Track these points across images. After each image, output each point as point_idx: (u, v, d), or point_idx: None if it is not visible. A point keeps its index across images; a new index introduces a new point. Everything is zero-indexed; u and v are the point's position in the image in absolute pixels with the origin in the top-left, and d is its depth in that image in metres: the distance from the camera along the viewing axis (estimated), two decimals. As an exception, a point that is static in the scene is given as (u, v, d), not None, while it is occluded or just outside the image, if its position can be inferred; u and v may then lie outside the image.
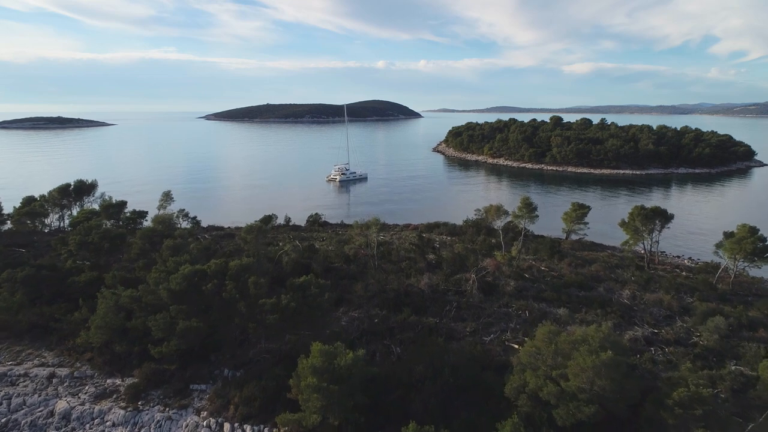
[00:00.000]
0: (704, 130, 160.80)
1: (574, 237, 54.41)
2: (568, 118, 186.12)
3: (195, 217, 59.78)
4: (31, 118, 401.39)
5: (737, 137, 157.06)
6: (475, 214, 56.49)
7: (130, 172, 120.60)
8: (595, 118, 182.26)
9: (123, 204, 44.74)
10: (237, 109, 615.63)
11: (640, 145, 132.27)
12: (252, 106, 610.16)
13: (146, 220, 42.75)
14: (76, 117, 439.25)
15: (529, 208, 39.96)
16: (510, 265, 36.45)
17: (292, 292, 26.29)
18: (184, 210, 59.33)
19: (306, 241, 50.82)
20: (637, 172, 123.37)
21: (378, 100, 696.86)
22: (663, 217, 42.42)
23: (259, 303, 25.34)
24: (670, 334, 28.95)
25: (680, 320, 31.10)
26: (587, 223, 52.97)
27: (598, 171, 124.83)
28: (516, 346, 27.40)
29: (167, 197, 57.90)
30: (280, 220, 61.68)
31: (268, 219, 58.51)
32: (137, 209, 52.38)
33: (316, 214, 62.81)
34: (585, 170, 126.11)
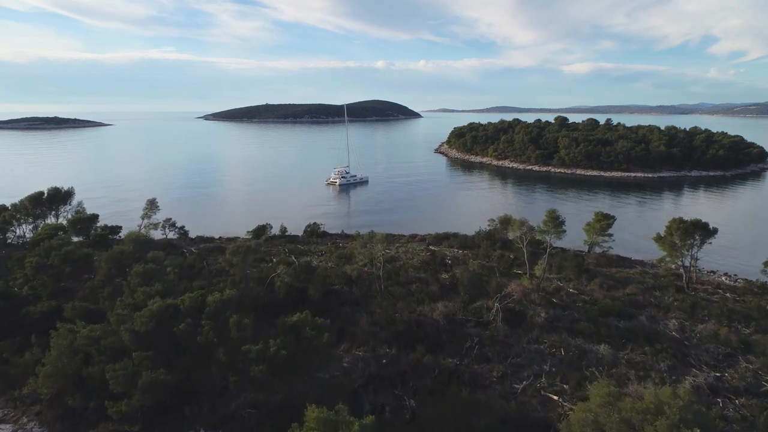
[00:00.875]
0: (706, 130, 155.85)
1: (597, 250, 49.62)
2: (569, 118, 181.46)
3: (182, 227, 55.11)
4: (26, 118, 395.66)
5: (744, 138, 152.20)
6: (489, 225, 51.80)
7: (121, 176, 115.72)
8: (595, 118, 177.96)
9: (94, 218, 39.75)
10: (236, 109, 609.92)
11: (651, 147, 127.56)
12: (251, 106, 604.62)
13: (120, 236, 37.90)
14: (73, 117, 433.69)
15: (555, 223, 35.29)
16: (538, 290, 31.66)
17: (283, 335, 21.53)
18: (170, 219, 54.69)
19: (302, 255, 46.07)
20: (649, 175, 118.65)
21: (377, 100, 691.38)
22: (704, 231, 37.71)
23: (241, 350, 20.59)
24: (737, 380, 24.22)
25: (743, 359, 26.36)
26: (612, 235, 48.27)
27: (608, 173, 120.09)
28: (555, 398, 22.66)
29: (152, 205, 53.10)
30: (275, 230, 56.91)
31: (261, 230, 53.82)
32: (117, 220, 47.68)
33: (315, 223, 58.02)
34: (594, 173, 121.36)
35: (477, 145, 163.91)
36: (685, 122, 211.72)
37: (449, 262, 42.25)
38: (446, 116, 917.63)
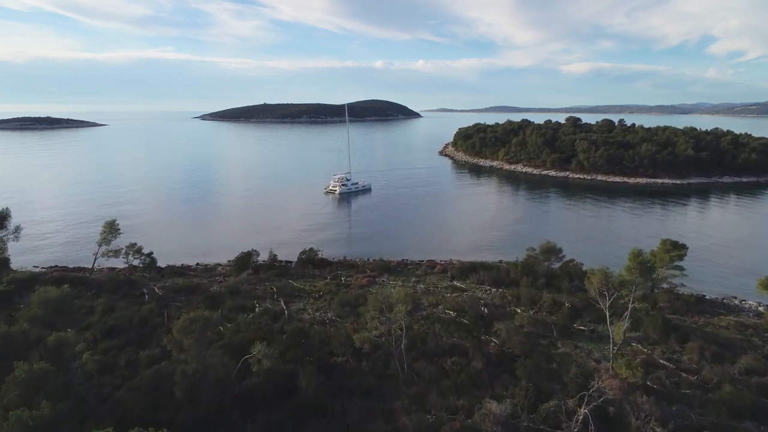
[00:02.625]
0: (729, 131, 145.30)
1: (661, 285, 39.84)
2: (573, 118, 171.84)
3: (150, 254, 45.21)
4: (18, 118, 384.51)
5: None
6: (528, 253, 42.04)
7: (99, 185, 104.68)
8: (594, 118, 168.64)
9: (3, 263, 29.42)
10: (233, 108, 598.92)
11: (678, 150, 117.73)
12: (249, 106, 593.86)
13: (36, 288, 27.50)
14: (66, 117, 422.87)
15: (642, 269, 25.61)
16: (645, 386, 21.71)
17: None
18: (135, 244, 44.84)
19: (294, 297, 36.27)
20: (677, 182, 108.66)
21: (377, 100, 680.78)
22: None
23: None
24: None
25: None
26: (683, 269, 38.52)
27: (632, 180, 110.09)
28: None
29: (111, 229, 43.25)
30: (264, 256, 47.15)
31: (245, 258, 44.05)
32: (75, 246, 37.39)
33: (311, 249, 48.04)
34: (617, 179, 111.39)
35: (486, 147, 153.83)
36: (684, 122, 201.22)
37: (485, 310, 32.40)
38: (446, 116, 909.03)
